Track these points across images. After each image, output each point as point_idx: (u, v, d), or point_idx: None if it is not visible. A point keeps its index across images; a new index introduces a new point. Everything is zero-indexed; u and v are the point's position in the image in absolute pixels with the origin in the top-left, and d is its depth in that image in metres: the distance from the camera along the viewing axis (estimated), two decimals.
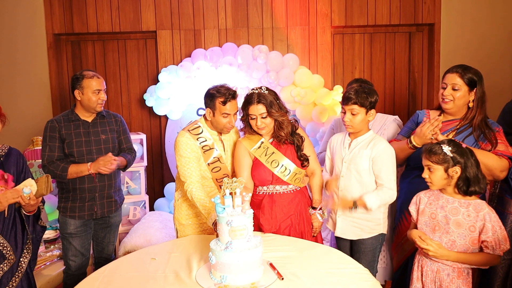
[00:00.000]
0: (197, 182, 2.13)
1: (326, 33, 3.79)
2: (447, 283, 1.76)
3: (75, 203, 2.44)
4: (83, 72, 2.44)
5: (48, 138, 2.38)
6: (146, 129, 4.01)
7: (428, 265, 1.82)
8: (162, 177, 4.04)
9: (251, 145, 2.17)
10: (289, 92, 3.48)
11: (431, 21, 3.79)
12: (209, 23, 3.77)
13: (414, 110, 3.84)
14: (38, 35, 3.74)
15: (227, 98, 2.13)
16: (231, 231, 1.57)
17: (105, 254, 2.65)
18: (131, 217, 3.52)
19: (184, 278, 1.64)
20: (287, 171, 2.14)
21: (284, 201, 2.15)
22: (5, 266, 1.86)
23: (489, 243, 1.70)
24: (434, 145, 1.81)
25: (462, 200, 1.78)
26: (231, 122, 2.19)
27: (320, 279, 1.60)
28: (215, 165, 2.23)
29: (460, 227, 1.75)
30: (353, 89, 2.09)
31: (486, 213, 1.71)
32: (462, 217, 1.75)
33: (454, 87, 2.11)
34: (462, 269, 1.77)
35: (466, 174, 1.74)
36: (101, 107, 2.47)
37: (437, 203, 1.83)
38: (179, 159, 2.17)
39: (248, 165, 2.17)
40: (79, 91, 2.41)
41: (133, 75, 3.99)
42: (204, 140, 2.22)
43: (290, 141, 2.18)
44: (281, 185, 2.16)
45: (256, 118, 2.10)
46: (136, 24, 3.76)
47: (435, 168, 1.78)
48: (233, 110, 2.17)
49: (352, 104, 2.06)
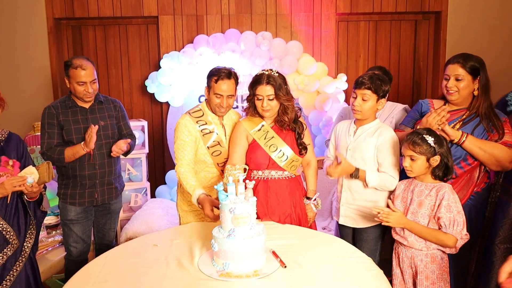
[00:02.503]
0: (187, 165, 2.13)
1: (330, 20, 3.73)
2: (422, 268, 1.85)
3: (75, 189, 2.42)
4: (72, 60, 2.32)
5: (46, 125, 2.34)
6: (148, 116, 3.98)
7: (403, 252, 1.91)
8: (164, 164, 4.03)
9: (251, 127, 2.15)
10: (292, 80, 3.44)
11: (438, 9, 3.72)
12: (211, 9, 3.71)
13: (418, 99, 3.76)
14: (38, 20, 3.69)
15: (220, 75, 2.12)
16: (234, 219, 1.56)
17: (106, 240, 2.65)
18: (132, 204, 3.52)
19: (187, 265, 1.63)
20: (285, 156, 2.13)
21: (279, 187, 2.14)
22: (9, 251, 1.86)
23: (441, 220, 1.78)
24: (417, 136, 1.86)
25: (429, 183, 1.88)
26: (222, 104, 2.15)
27: (323, 267, 1.60)
28: (215, 149, 2.22)
29: (422, 207, 1.85)
30: (367, 75, 2.07)
31: (445, 193, 1.81)
32: (424, 197, 1.86)
33: (458, 78, 2.07)
34: (435, 254, 1.84)
35: (445, 162, 1.85)
36: (89, 98, 2.38)
37: (409, 188, 1.95)
38: (176, 141, 2.19)
39: (243, 147, 2.15)
40: (67, 79, 2.35)
41: (134, 61, 3.94)
42: (204, 123, 2.21)
43: (291, 128, 2.17)
44: (277, 171, 2.15)
45: (263, 99, 2.07)
46: (137, 9, 3.70)
47: (417, 158, 1.85)
48: (226, 91, 2.13)
49: (365, 89, 2.03)
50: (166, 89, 3.51)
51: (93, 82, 2.35)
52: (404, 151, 1.89)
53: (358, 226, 2.18)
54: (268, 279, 1.51)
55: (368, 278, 1.53)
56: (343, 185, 2.19)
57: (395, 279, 1.95)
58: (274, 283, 1.49)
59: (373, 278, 1.53)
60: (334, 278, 1.52)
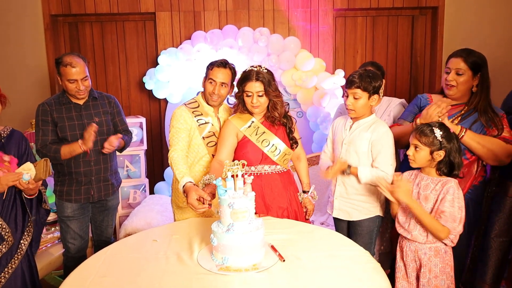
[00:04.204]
0: (180, 150, 2.13)
1: (328, 16, 3.73)
2: (425, 262, 1.85)
3: (71, 186, 2.41)
4: (62, 57, 2.28)
5: (40, 123, 2.33)
6: (146, 113, 3.98)
7: (407, 245, 1.91)
8: (162, 161, 4.03)
9: (241, 124, 2.16)
10: (290, 76, 3.44)
11: (435, 4, 3.72)
12: (209, 5, 3.70)
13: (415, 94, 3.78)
14: (35, 16, 3.67)
15: (215, 63, 2.17)
16: (233, 213, 1.57)
17: (104, 237, 2.65)
18: (131, 200, 3.52)
19: (186, 259, 1.64)
20: (277, 150, 2.14)
21: (273, 181, 2.15)
22: (4, 248, 1.85)
23: (443, 213, 1.77)
24: (427, 127, 1.85)
25: (435, 178, 1.87)
26: (214, 91, 2.17)
27: (321, 261, 1.61)
28: (210, 139, 2.24)
29: (427, 201, 1.84)
30: (357, 73, 2.07)
31: (450, 187, 1.79)
32: (430, 191, 1.85)
33: (458, 72, 2.08)
34: (438, 248, 1.84)
35: (450, 159, 1.82)
36: (81, 95, 2.35)
37: (415, 181, 1.94)
38: (171, 129, 2.20)
39: (231, 145, 2.15)
40: (58, 77, 2.33)
41: (132, 58, 3.93)
42: (200, 114, 2.23)
43: (282, 122, 2.19)
44: (270, 165, 2.16)
45: (253, 95, 2.08)
46: (134, 5, 3.69)
47: (421, 148, 1.84)
48: (220, 78, 2.16)
49: (355, 88, 2.04)
50: (164, 85, 3.50)
51: (85, 79, 2.32)
52: (411, 140, 1.89)
53: (351, 219, 2.20)
54: (267, 272, 1.52)
55: (366, 271, 1.54)
56: (337, 178, 2.21)
57: (398, 272, 1.95)
58: (273, 276, 1.50)
59: (371, 271, 1.54)
60: (332, 271, 1.54)
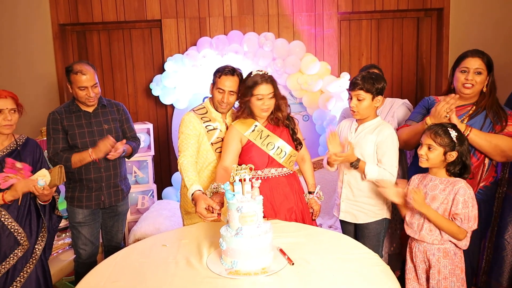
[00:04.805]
0: (190, 157, 2.14)
1: (332, 19, 3.74)
2: (434, 263, 1.85)
3: (82, 193, 2.44)
4: (72, 65, 2.34)
5: (51, 131, 2.37)
6: (153, 119, 4.02)
7: (416, 246, 1.92)
8: (170, 166, 4.06)
9: (245, 129, 2.16)
10: (295, 80, 3.45)
11: (440, 6, 3.72)
12: (214, 11, 3.74)
13: (422, 97, 3.78)
14: (43, 25, 3.74)
15: (223, 71, 2.18)
16: (241, 217, 1.58)
17: (114, 242, 2.68)
18: (139, 206, 3.55)
19: (195, 264, 1.65)
20: (283, 153, 2.15)
21: (281, 184, 2.16)
22: (20, 252, 1.90)
23: (458, 216, 1.78)
24: (441, 128, 1.86)
25: (443, 178, 1.88)
26: (223, 99, 2.19)
27: (330, 264, 1.61)
28: (219, 145, 2.25)
29: (435, 201, 1.85)
30: (360, 75, 2.09)
31: (460, 187, 1.80)
32: (438, 191, 1.86)
33: (478, 71, 2.07)
34: (447, 249, 1.85)
35: (462, 160, 1.84)
36: (91, 102, 2.40)
37: (423, 182, 1.95)
38: (180, 135, 2.21)
39: (236, 151, 2.16)
40: (69, 85, 2.37)
41: (138, 65, 3.98)
42: (208, 120, 2.24)
43: (285, 124, 2.20)
44: (276, 168, 2.16)
45: (264, 98, 2.09)
46: (140, 13, 3.74)
47: (435, 148, 1.85)
48: (228, 87, 2.17)
49: (358, 89, 2.06)
50: (171, 91, 3.54)
51: (95, 86, 2.37)
52: (424, 139, 1.89)
53: (358, 222, 2.20)
54: (277, 276, 1.53)
55: (375, 274, 1.54)
56: (343, 181, 2.21)
57: (409, 273, 1.96)
58: (282, 280, 1.50)
59: (380, 274, 1.54)
60: (341, 274, 1.54)
